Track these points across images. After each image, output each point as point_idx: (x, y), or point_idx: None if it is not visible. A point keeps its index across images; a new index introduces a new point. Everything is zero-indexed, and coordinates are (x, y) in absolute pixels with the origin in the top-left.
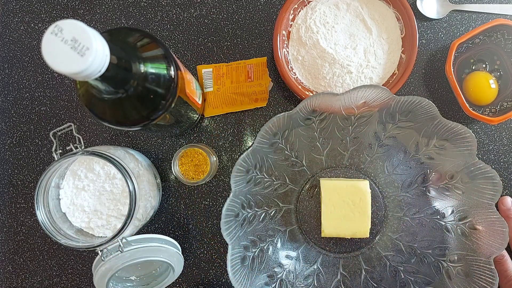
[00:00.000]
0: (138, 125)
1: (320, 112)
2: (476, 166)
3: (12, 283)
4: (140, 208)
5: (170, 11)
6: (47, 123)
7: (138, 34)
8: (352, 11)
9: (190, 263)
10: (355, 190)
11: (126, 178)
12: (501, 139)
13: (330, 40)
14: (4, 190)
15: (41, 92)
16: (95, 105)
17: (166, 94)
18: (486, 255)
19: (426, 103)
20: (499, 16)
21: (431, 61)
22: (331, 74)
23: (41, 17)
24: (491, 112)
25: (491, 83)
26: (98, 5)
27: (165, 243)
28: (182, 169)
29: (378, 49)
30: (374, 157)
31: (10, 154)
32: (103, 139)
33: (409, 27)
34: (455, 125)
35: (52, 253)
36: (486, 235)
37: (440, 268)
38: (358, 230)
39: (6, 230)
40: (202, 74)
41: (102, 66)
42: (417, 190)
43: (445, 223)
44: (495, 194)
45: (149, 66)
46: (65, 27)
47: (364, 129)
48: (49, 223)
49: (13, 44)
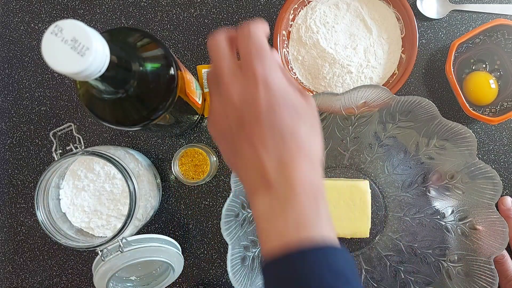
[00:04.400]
0: (138, 125)
1: (320, 112)
2: (476, 166)
3: (12, 283)
4: (140, 208)
5: (170, 11)
6: (47, 123)
7: (138, 34)
8: (352, 11)
9: (190, 263)
10: (355, 190)
11: (126, 178)
12: (501, 139)
13: (330, 40)
14: (4, 190)
15: (41, 92)
16: (95, 105)
17: (166, 94)
18: (486, 255)
19: (426, 103)
20: (499, 16)
21: (431, 61)
22: (331, 74)
23: (41, 17)
24: (491, 112)
25: (491, 83)
26: (98, 5)
27: (165, 243)
28: (182, 169)
29: (378, 49)
30: (374, 157)
31: (10, 154)
32: (103, 139)
33: (409, 27)
34: (455, 125)
35: (52, 253)
36: (486, 235)
37: (440, 268)
38: (358, 230)
39: (6, 230)
40: (202, 74)
41: (102, 66)
42: (417, 190)
43: (445, 223)
44: (495, 194)
45: (149, 66)
46: (65, 27)
47: (364, 129)
48: (49, 223)
49: (13, 44)
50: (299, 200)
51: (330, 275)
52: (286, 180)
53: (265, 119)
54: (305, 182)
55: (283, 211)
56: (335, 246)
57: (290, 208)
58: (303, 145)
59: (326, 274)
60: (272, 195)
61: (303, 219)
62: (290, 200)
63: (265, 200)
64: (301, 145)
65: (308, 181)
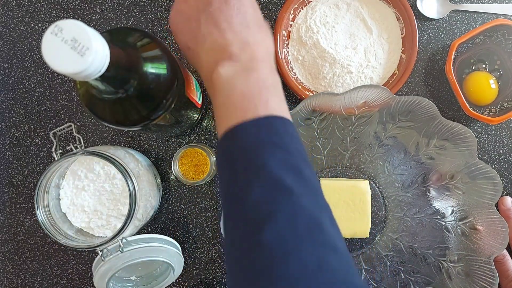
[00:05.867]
0: (138, 125)
1: (320, 112)
2: (477, 166)
3: (12, 283)
4: (140, 208)
5: (170, 11)
6: (47, 123)
7: (138, 34)
8: (352, 11)
9: (190, 263)
10: (355, 190)
11: (126, 178)
12: (501, 139)
13: (330, 40)
14: (4, 190)
15: (41, 92)
16: (95, 105)
17: (166, 94)
18: (486, 255)
19: (426, 103)
20: (499, 16)
21: (431, 61)
22: (331, 74)
23: (41, 17)
24: (491, 112)
25: (491, 83)
26: (98, 5)
27: (165, 243)
28: (182, 169)
29: (378, 49)
30: (374, 157)
31: (10, 154)
32: (103, 139)
33: (409, 27)
34: (455, 125)
35: (52, 253)
36: (486, 235)
37: (441, 268)
38: (358, 230)
39: (6, 230)
40: None
41: (102, 66)
42: (418, 190)
43: (445, 223)
44: (495, 194)
45: (149, 66)
46: (65, 27)
47: (364, 129)
48: (49, 223)
49: (13, 44)
50: (261, 67)
51: (266, 133)
52: (250, 55)
53: (234, 2)
54: (266, 60)
55: (247, 75)
56: (280, 116)
57: (253, 73)
58: (266, 37)
59: (263, 134)
60: (236, 62)
61: (263, 86)
62: (253, 67)
63: (229, 68)
64: (264, 36)
65: (268, 62)
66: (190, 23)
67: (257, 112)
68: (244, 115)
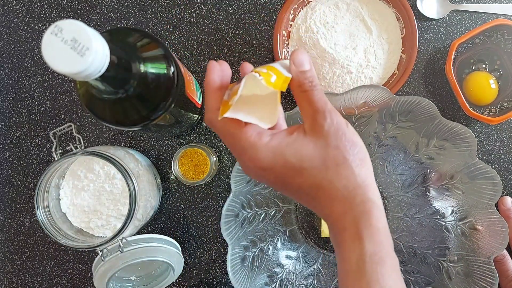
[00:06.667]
0: (138, 125)
1: None
2: (476, 166)
3: (12, 283)
4: (140, 208)
5: (170, 11)
6: (47, 123)
7: (138, 34)
8: (352, 11)
9: (190, 263)
10: None
11: (126, 178)
12: (501, 139)
13: (330, 40)
14: (4, 190)
15: (41, 92)
16: (95, 105)
17: (166, 94)
18: (486, 255)
19: (426, 103)
20: (499, 16)
21: (431, 61)
22: (331, 74)
23: (41, 17)
24: (491, 112)
25: (491, 83)
26: (98, 5)
27: (165, 243)
28: (182, 169)
29: (378, 49)
30: (374, 157)
31: (10, 154)
32: (103, 139)
33: (409, 27)
34: (455, 125)
35: (52, 253)
36: (486, 235)
37: (440, 268)
38: None
39: (6, 230)
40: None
41: (102, 66)
42: (417, 190)
43: (445, 223)
44: (495, 194)
45: (149, 66)
46: (65, 27)
47: (364, 129)
48: (49, 223)
49: (13, 44)
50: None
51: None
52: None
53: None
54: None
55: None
56: None
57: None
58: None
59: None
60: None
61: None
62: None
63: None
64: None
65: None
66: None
67: None
68: None
